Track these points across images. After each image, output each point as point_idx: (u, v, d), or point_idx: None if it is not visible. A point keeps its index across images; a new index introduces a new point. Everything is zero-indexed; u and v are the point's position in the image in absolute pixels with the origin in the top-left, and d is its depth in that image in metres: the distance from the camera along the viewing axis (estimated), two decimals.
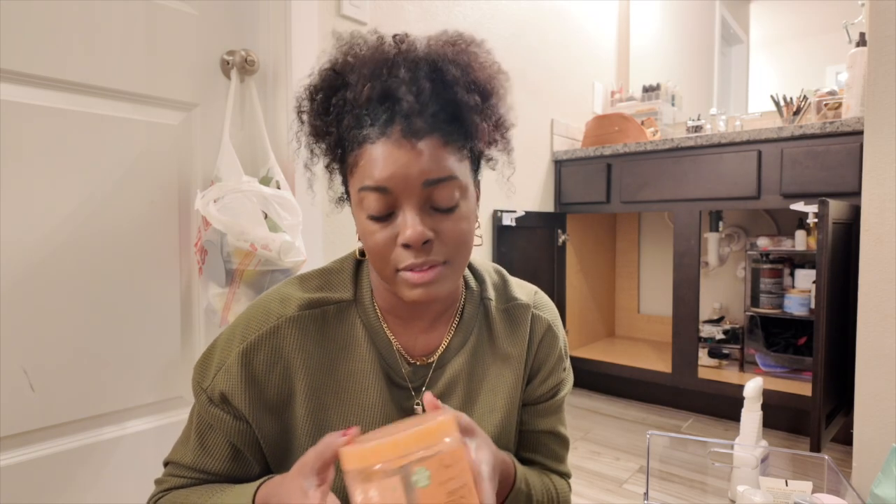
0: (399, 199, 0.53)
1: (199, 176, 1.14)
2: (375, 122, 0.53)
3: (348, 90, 0.55)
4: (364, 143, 0.53)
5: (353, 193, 0.55)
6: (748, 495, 0.98)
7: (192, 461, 0.60)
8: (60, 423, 0.98)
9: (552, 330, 0.70)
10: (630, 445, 1.75)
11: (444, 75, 0.54)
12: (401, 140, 0.52)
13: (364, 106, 0.54)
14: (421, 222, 0.52)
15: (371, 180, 0.52)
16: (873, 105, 1.22)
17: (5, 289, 0.91)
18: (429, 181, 0.52)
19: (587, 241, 2.42)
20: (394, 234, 0.53)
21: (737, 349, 2.03)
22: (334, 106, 0.56)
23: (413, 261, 0.53)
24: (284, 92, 1.24)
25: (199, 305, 1.15)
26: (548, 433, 0.71)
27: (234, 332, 0.59)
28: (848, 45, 1.89)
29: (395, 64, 0.54)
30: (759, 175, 1.76)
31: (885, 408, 1.21)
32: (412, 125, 0.52)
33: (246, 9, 1.22)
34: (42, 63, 0.93)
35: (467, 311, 0.66)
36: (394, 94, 0.53)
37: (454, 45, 0.57)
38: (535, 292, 0.72)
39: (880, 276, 1.22)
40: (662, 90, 2.47)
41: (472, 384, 0.65)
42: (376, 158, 0.52)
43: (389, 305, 0.62)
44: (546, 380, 0.70)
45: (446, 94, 0.54)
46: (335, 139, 0.56)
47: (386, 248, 0.54)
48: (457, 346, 0.65)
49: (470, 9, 1.80)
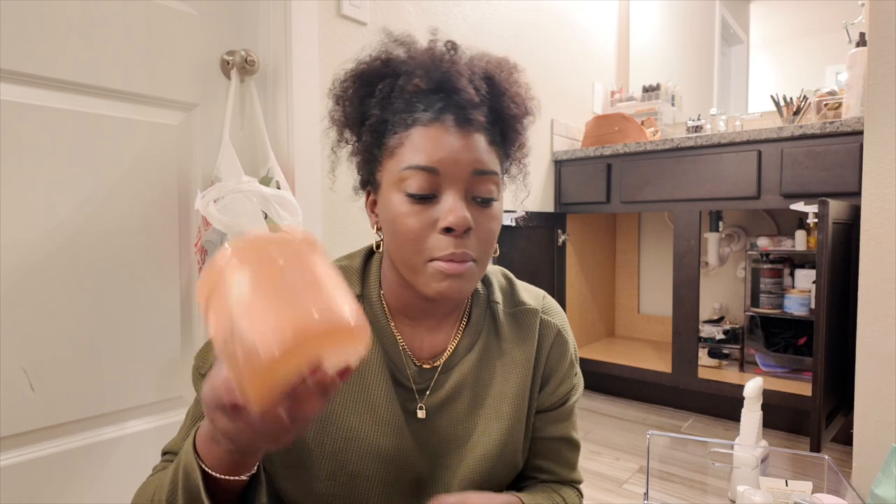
0: (445, 183, 0.54)
1: (199, 176, 1.14)
2: (429, 108, 0.54)
3: (400, 78, 0.56)
4: (414, 125, 0.54)
5: (392, 173, 0.55)
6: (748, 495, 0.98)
7: (178, 446, 0.59)
8: (60, 423, 0.98)
9: (562, 335, 0.69)
10: (630, 445, 1.74)
11: (495, 84, 0.58)
12: (454, 127, 0.54)
13: (418, 93, 0.56)
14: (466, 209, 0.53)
15: (421, 159, 0.53)
16: (873, 105, 1.22)
17: (5, 288, 0.91)
18: (478, 170, 0.54)
19: (587, 241, 2.42)
20: (432, 219, 0.53)
21: (737, 349, 2.03)
22: (380, 91, 0.57)
23: (452, 249, 0.53)
24: (284, 92, 1.24)
25: (198, 306, 1.15)
26: (560, 440, 0.70)
27: None
28: (848, 45, 1.89)
29: (453, 61, 0.57)
30: (759, 175, 1.76)
31: (885, 407, 1.21)
32: (467, 115, 0.54)
33: (246, 9, 1.22)
34: (42, 63, 0.93)
35: (475, 315, 0.66)
36: (453, 84, 0.55)
37: (499, 64, 0.60)
38: (543, 296, 0.71)
39: (880, 277, 1.22)
40: (662, 90, 2.47)
41: (479, 389, 0.64)
42: (428, 140, 0.53)
43: (400, 303, 0.62)
44: (558, 387, 0.68)
45: (496, 100, 0.57)
46: (377, 121, 0.57)
47: (422, 233, 0.53)
48: (464, 350, 0.64)
49: (470, 9, 1.80)
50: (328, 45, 1.33)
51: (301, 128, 1.26)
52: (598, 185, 2.14)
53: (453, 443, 0.63)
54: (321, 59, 1.31)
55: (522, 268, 1.99)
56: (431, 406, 0.62)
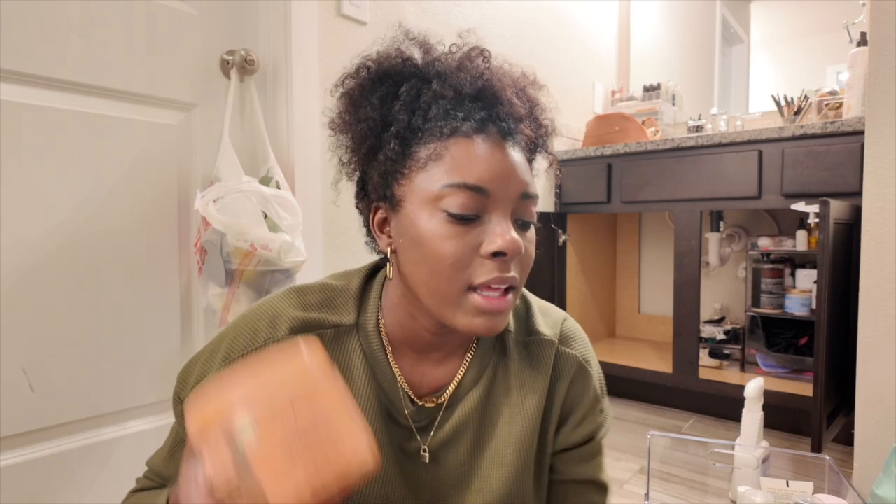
0: (492, 205, 0.48)
1: (198, 176, 1.14)
2: (470, 117, 0.49)
3: (433, 82, 0.50)
4: (454, 134, 0.48)
5: (425, 190, 0.48)
6: (749, 496, 0.98)
7: (161, 469, 0.58)
8: (60, 423, 0.98)
9: (584, 368, 0.61)
10: (630, 446, 1.74)
11: (529, 98, 0.54)
12: (501, 142, 0.49)
13: (457, 99, 0.50)
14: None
15: (469, 177, 0.47)
16: (874, 105, 1.22)
17: (5, 289, 0.91)
18: (526, 194, 0.50)
19: (588, 241, 2.42)
20: (476, 242, 0.48)
21: (738, 349, 2.02)
22: (406, 93, 0.51)
23: (497, 274, 0.47)
24: (284, 92, 1.24)
25: (198, 306, 1.15)
26: (585, 483, 0.62)
27: (220, 346, 0.55)
28: (849, 44, 1.89)
29: (493, 69, 0.52)
30: (759, 175, 1.75)
31: (886, 408, 1.21)
32: (511, 129, 0.50)
33: (246, 9, 1.22)
34: (42, 63, 0.93)
35: (483, 344, 0.59)
36: (497, 94, 0.50)
37: (522, 76, 0.56)
38: (562, 321, 0.63)
39: (881, 277, 1.21)
40: (663, 90, 2.47)
41: (483, 430, 0.58)
42: (476, 154, 0.47)
43: (405, 335, 0.56)
44: (580, 423, 0.61)
45: (531, 112, 0.54)
46: (403, 127, 0.50)
47: (464, 258, 0.47)
48: (469, 385, 0.58)
49: (470, 9, 1.80)
50: (328, 44, 1.33)
51: (301, 127, 1.26)
52: (599, 185, 2.13)
53: (454, 487, 0.58)
54: (321, 59, 1.31)
55: None
56: (432, 446, 0.57)
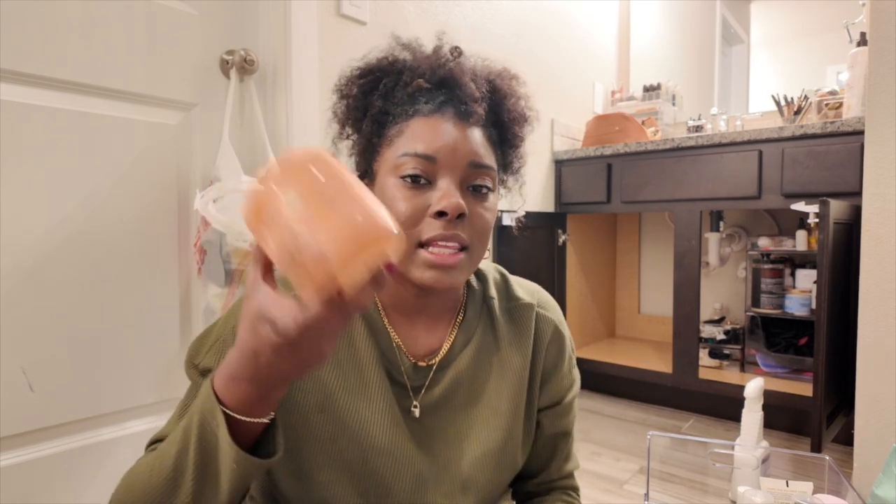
0: (440, 172, 0.55)
1: (198, 176, 1.14)
2: (431, 101, 0.57)
3: (404, 74, 0.58)
4: (415, 115, 0.56)
5: (389, 161, 0.56)
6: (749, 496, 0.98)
7: (169, 430, 0.57)
8: (60, 424, 0.98)
9: (559, 330, 0.69)
10: (630, 446, 1.74)
11: (496, 88, 0.60)
12: (455, 119, 0.56)
13: (422, 88, 0.57)
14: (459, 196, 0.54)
15: (420, 147, 0.54)
16: (874, 105, 1.22)
17: (5, 289, 0.91)
18: (474, 163, 0.56)
19: (587, 241, 2.42)
20: (425, 203, 0.54)
21: (737, 349, 2.02)
22: (384, 85, 0.59)
23: (442, 231, 0.53)
24: (284, 92, 1.24)
25: (198, 305, 1.15)
26: (564, 435, 0.70)
27: (233, 311, 0.59)
28: (849, 44, 1.89)
29: (458, 61, 0.60)
30: (759, 175, 1.75)
31: (886, 408, 1.21)
32: (468, 109, 0.56)
33: (246, 9, 1.22)
34: (42, 63, 0.93)
35: (470, 311, 0.65)
36: (457, 80, 0.57)
37: (500, 72, 0.63)
38: (538, 291, 0.71)
39: (881, 277, 1.21)
40: (663, 90, 2.47)
41: (475, 387, 0.64)
42: (427, 129, 0.55)
43: (393, 300, 0.61)
44: (560, 382, 0.69)
45: (496, 103, 0.60)
46: (378, 112, 0.58)
47: (413, 217, 0.54)
48: (459, 347, 0.64)
49: (470, 9, 1.80)
50: (328, 44, 1.33)
51: (300, 127, 1.26)
52: (599, 185, 2.13)
53: (451, 440, 0.63)
54: (321, 59, 1.30)
55: (522, 268, 1.98)
56: (427, 404, 0.62)
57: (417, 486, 0.61)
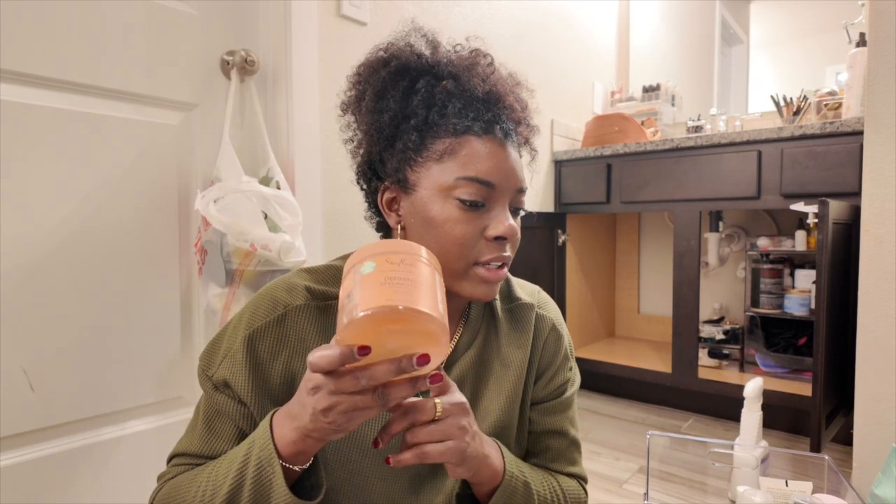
0: (496, 197, 0.57)
1: (199, 176, 1.14)
2: (479, 118, 0.57)
3: (446, 81, 0.58)
4: (465, 133, 0.57)
5: (440, 179, 0.56)
6: (748, 496, 0.98)
7: (199, 447, 0.59)
8: (60, 423, 0.98)
9: (556, 329, 0.71)
10: (630, 446, 1.74)
11: (521, 99, 0.63)
12: (503, 142, 0.58)
13: (468, 100, 0.58)
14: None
15: (480, 172, 0.56)
16: (873, 105, 1.22)
17: (5, 289, 0.91)
18: (521, 189, 0.60)
19: (587, 241, 2.42)
20: (481, 226, 0.57)
21: (737, 349, 2.03)
22: (423, 89, 0.58)
23: (498, 253, 0.57)
24: (284, 92, 1.24)
25: (199, 305, 1.15)
26: (556, 433, 0.70)
27: (241, 319, 0.60)
28: (848, 45, 1.89)
29: (497, 74, 0.61)
30: (759, 175, 1.76)
31: (886, 408, 1.21)
32: (510, 131, 0.59)
33: (246, 9, 1.22)
34: (42, 63, 0.93)
35: (474, 311, 0.67)
36: (501, 98, 0.59)
37: (512, 77, 0.64)
38: (537, 292, 0.73)
39: (880, 277, 1.22)
40: (662, 90, 2.47)
41: (478, 385, 0.66)
42: (485, 153, 0.56)
43: None
44: (552, 379, 0.70)
45: (524, 114, 0.63)
46: (421, 121, 0.58)
47: (471, 240, 0.56)
48: (464, 347, 0.65)
49: (470, 9, 1.80)
50: (328, 45, 1.33)
51: (301, 127, 1.26)
52: (598, 185, 2.14)
53: None
54: (321, 60, 1.31)
55: (522, 268, 1.99)
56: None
57: (417, 484, 0.62)
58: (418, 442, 0.49)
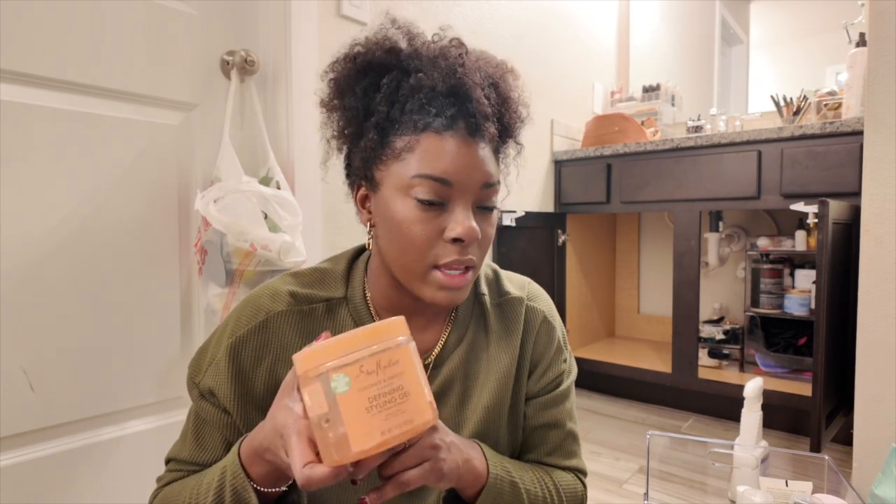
0: (455, 195, 0.54)
1: (199, 176, 1.14)
2: (441, 114, 0.54)
3: (410, 76, 0.55)
4: (426, 129, 0.53)
5: (399, 177, 0.54)
6: (748, 496, 0.98)
7: (189, 455, 0.60)
8: (60, 423, 0.98)
9: (548, 321, 0.69)
10: (630, 446, 1.74)
11: (500, 92, 0.59)
12: (467, 138, 0.54)
13: (429, 95, 0.54)
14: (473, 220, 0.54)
15: (436, 170, 0.53)
16: (873, 105, 1.22)
17: (5, 289, 0.91)
18: (487, 184, 0.55)
19: (587, 241, 2.42)
20: (440, 227, 0.54)
21: (737, 349, 2.03)
22: (386, 85, 0.55)
23: (457, 257, 0.54)
24: (284, 92, 1.24)
25: (198, 305, 1.15)
26: (552, 426, 0.69)
27: (225, 327, 0.60)
28: (848, 45, 1.89)
29: (465, 65, 0.56)
30: (759, 175, 1.76)
31: (886, 408, 1.21)
32: (479, 126, 0.55)
33: (246, 9, 1.22)
34: (42, 63, 0.93)
35: (462, 309, 0.66)
36: (467, 92, 0.54)
37: (501, 69, 0.60)
38: (527, 283, 0.72)
39: (880, 277, 1.22)
40: (662, 90, 2.47)
41: (468, 382, 0.65)
42: (443, 150, 0.53)
43: (389, 303, 0.62)
44: (546, 372, 0.69)
45: (502, 110, 0.59)
46: (383, 119, 0.55)
47: (428, 241, 0.54)
48: (453, 345, 0.64)
49: (470, 9, 1.80)
50: (328, 45, 1.33)
51: (301, 128, 1.26)
52: (598, 185, 2.14)
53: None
54: (321, 60, 1.31)
55: (522, 268, 1.99)
56: None
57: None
58: (393, 473, 0.47)
